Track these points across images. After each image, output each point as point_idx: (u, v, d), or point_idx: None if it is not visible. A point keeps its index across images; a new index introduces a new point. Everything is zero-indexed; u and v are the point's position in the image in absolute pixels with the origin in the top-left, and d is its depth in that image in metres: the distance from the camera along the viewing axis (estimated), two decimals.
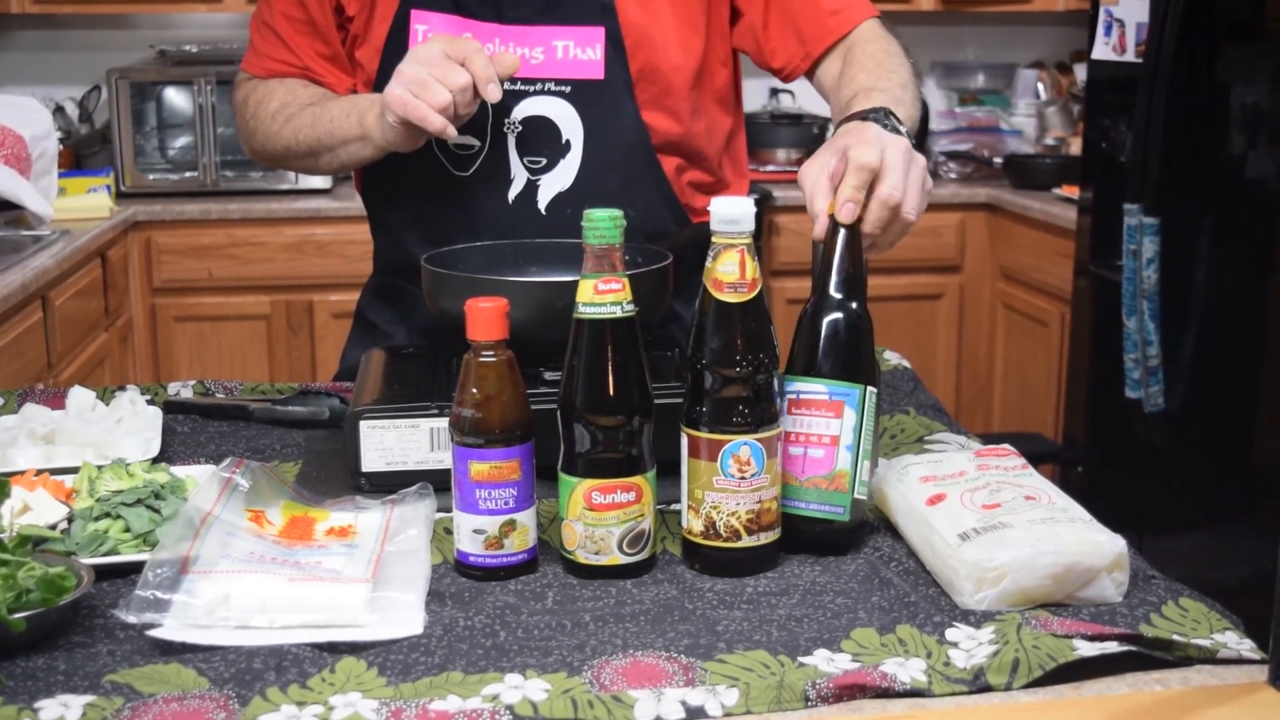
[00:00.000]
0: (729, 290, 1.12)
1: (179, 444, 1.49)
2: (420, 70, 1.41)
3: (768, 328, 1.13)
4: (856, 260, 1.17)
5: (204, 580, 1.04)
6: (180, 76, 3.86)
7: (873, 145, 1.22)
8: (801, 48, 1.61)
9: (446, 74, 1.40)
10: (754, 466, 1.11)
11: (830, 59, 1.60)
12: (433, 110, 1.40)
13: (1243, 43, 2.59)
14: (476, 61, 1.42)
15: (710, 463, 1.12)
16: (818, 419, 1.15)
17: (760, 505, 1.12)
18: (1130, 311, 2.71)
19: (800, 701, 0.93)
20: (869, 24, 1.60)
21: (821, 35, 1.60)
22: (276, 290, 3.76)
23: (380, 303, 1.76)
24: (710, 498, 1.12)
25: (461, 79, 1.40)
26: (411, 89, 1.41)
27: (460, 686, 0.94)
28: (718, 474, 1.12)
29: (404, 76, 1.42)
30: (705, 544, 1.13)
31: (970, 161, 4.27)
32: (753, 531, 1.12)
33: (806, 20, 1.60)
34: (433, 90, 1.40)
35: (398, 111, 1.42)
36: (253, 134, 1.69)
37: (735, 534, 1.12)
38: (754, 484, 1.12)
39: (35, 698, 0.93)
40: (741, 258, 1.12)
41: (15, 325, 2.69)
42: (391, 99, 1.42)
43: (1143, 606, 1.05)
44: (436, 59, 1.42)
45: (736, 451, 1.11)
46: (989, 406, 4.13)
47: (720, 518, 1.12)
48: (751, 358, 1.12)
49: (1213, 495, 2.70)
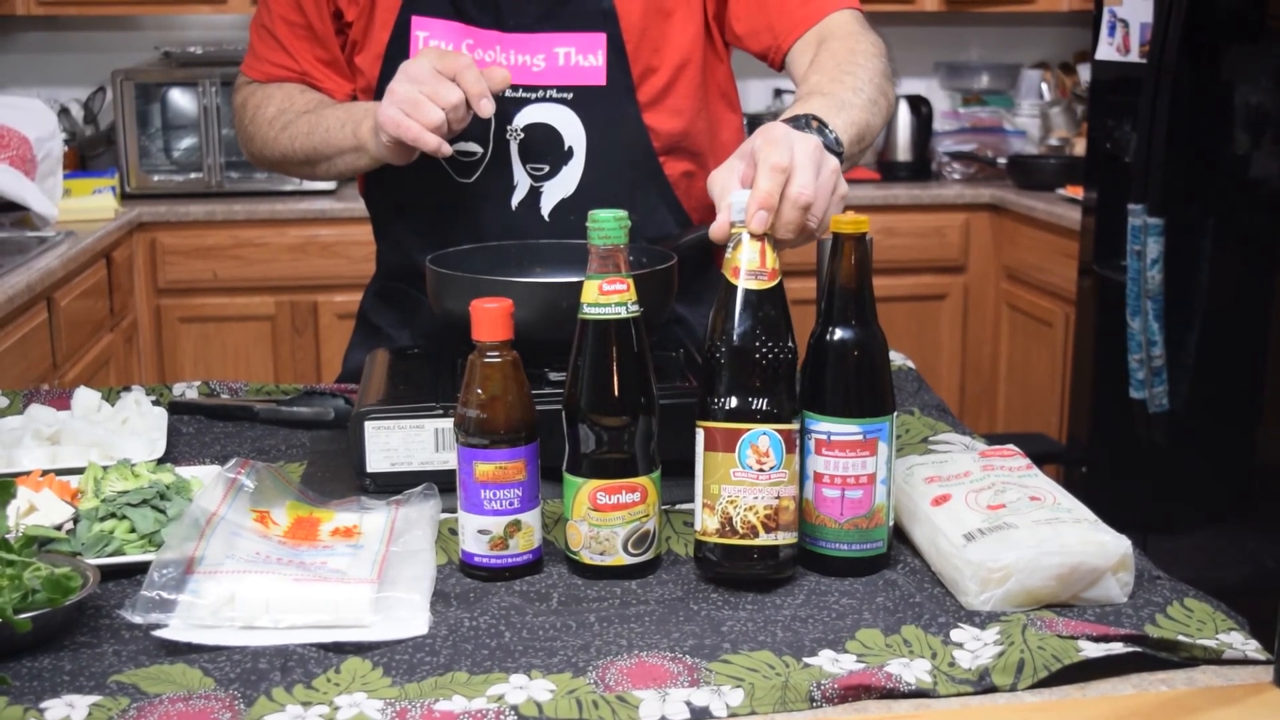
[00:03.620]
0: (749, 277, 1.10)
1: (184, 445, 1.49)
2: (412, 89, 1.40)
3: (787, 318, 1.11)
4: (864, 278, 1.14)
5: (209, 581, 1.04)
6: (185, 78, 3.86)
7: (780, 145, 1.17)
8: (774, 39, 1.58)
9: (439, 91, 1.39)
10: (773, 459, 1.09)
11: (800, 51, 1.55)
12: (426, 130, 1.39)
13: (1246, 42, 2.58)
14: (468, 77, 1.40)
15: (727, 454, 1.09)
16: (853, 460, 1.12)
17: (778, 502, 1.09)
18: (1134, 312, 2.71)
19: (805, 702, 0.93)
20: (842, 16, 1.56)
21: (790, 26, 1.57)
22: (281, 291, 3.76)
23: (383, 305, 1.76)
24: (727, 491, 1.09)
25: (454, 96, 1.39)
26: (404, 108, 1.40)
27: (465, 687, 0.95)
28: (735, 465, 1.09)
29: (396, 95, 1.41)
30: (720, 542, 1.10)
31: (974, 162, 4.27)
32: (770, 529, 1.09)
33: (776, 11, 1.57)
34: (425, 109, 1.39)
35: (391, 132, 1.41)
36: (250, 139, 1.69)
37: (752, 530, 1.09)
38: (772, 478, 1.09)
39: (41, 698, 0.93)
40: (762, 247, 1.11)
41: (20, 326, 2.70)
42: (384, 119, 1.42)
43: (1148, 607, 1.05)
44: (428, 76, 1.40)
45: (755, 441, 1.09)
46: (993, 407, 4.13)
47: (737, 513, 1.09)
48: (771, 345, 1.09)
49: (1217, 496, 2.70)
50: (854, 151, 1.41)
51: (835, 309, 1.14)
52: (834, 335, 1.13)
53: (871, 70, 1.48)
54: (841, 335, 1.13)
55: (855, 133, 1.39)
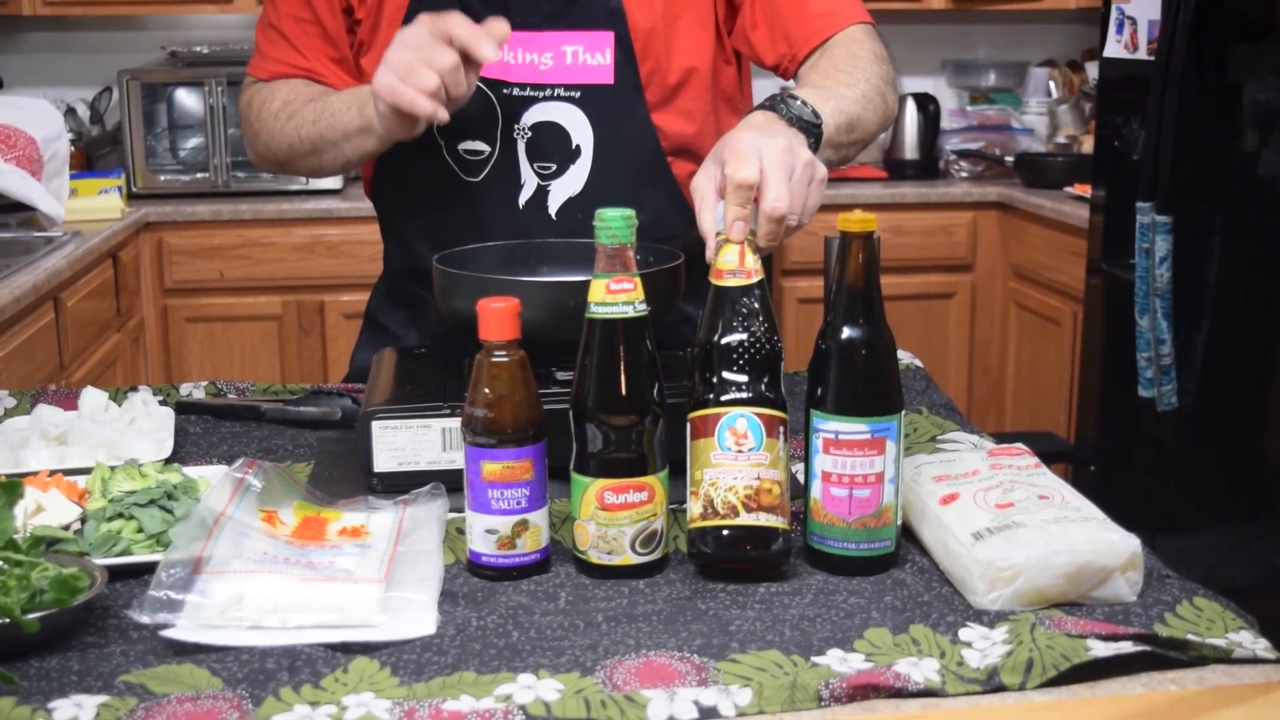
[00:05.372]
0: (728, 276, 1.13)
1: (191, 445, 1.49)
2: (406, 55, 1.38)
3: (768, 312, 1.12)
4: (872, 277, 1.13)
5: (217, 580, 1.04)
6: (191, 78, 3.87)
7: (748, 157, 1.18)
8: (789, 49, 1.59)
9: (433, 56, 1.37)
10: (751, 440, 1.10)
11: (810, 63, 1.57)
12: (421, 95, 1.37)
13: (1255, 40, 2.58)
14: (460, 32, 1.37)
15: (708, 439, 1.11)
16: (861, 459, 1.12)
17: (759, 483, 1.10)
18: (1143, 310, 2.70)
19: (813, 701, 0.92)
20: (855, 29, 1.57)
21: (806, 37, 1.58)
22: (287, 291, 3.76)
23: (390, 305, 1.76)
24: (708, 475, 1.11)
25: (448, 60, 1.37)
26: (399, 74, 1.38)
27: (473, 686, 0.94)
28: (715, 449, 1.10)
29: (391, 62, 1.39)
30: (704, 525, 1.11)
31: (981, 160, 4.27)
32: (751, 509, 1.09)
33: (793, 22, 1.58)
34: (419, 74, 1.37)
35: (386, 99, 1.39)
36: (256, 135, 1.67)
37: (733, 510, 1.10)
38: (751, 459, 1.10)
39: (49, 698, 0.93)
40: (741, 249, 1.14)
41: (27, 326, 2.70)
42: (380, 86, 1.40)
43: (1157, 606, 1.05)
44: (422, 41, 1.38)
45: (733, 424, 1.10)
46: (1001, 406, 4.12)
47: (717, 494, 1.10)
48: (749, 335, 1.11)
49: (1225, 494, 2.69)
50: (842, 139, 1.41)
51: (843, 308, 1.14)
52: (841, 334, 1.13)
53: (869, 72, 1.49)
54: (849, 334, 1.13)
55: (843, 120, 1.39)
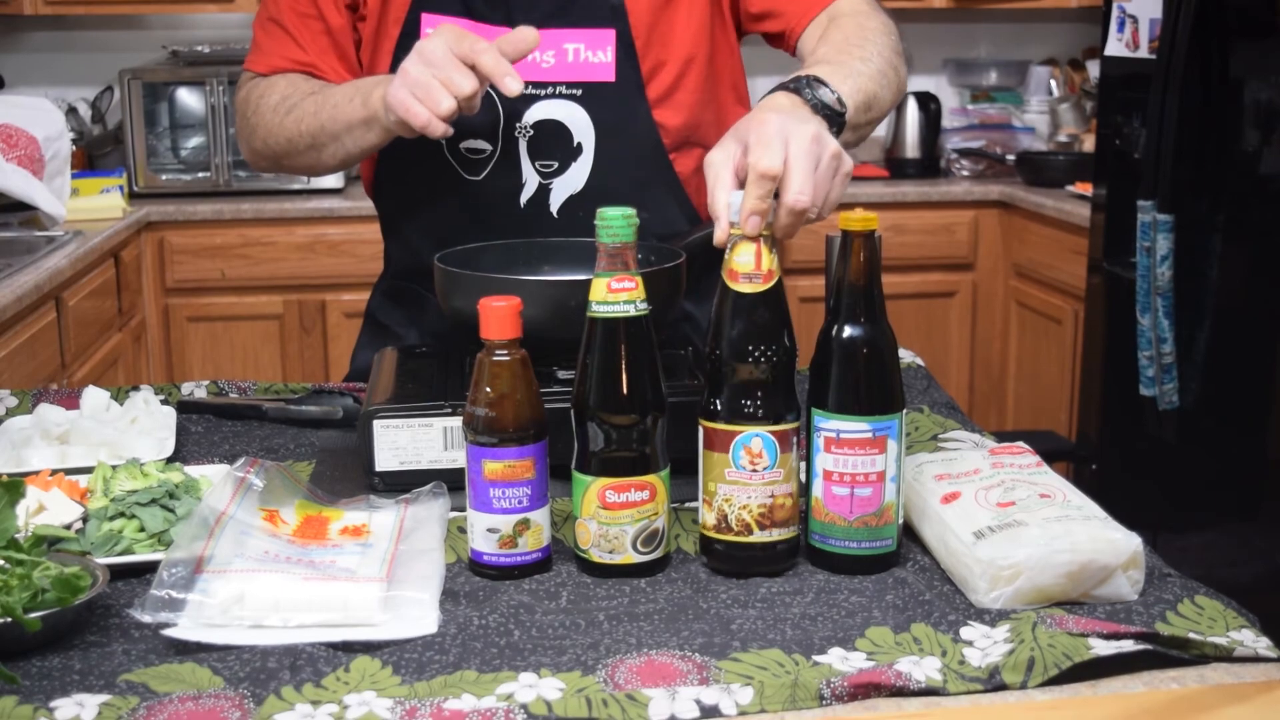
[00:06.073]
0: (744, 280, 1.12)
1: (193, 444, 1.49)
2: (425, 73, 1.35)
3: (784, 319, 1.12)
4: (873, 275, 1.13)
5: (218, 580, 1.04)
6: (192, 77, 3.87)
7: (773, 144, 1.16)
8: (786, 22, 1.59)
9: (453, 78, 1.34)
10: (766, 459, 1.11)
11: (811, 32, 1.57)
12: (435, 118, 1.34)
13: (1256, 39, 2.58)
14: (485, 61, 1.34)
15: (722, 454, 1.11)
16: (862, 457, 1.12)
17: (773, 500, 1.11)
18: (1144, 308, 2.70)
19: (815, 700, 0.92)
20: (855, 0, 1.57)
21: (804, 9, 1.58)
22: (289, 290, 3.77)
23: (391, 304, 1.76)
24: (722, 490, 1.12)
25: (467, 87, 1.34)
26: (416, 92, 1.35)
27: (474, 685, 0.94)
28: (729, 466, 1.11)
29: (409, 77, 1.36)
30: (718, 538, 1.13)
31: (983, 159, 4.26)
32: (764, 526, 1.12)
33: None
34: (437, 96, 1.34)
35: (399, 114, 1.37)
36: (253, 131, 1.64)
37: (746, 528, 1.12)
38: (766, 477, 1.11)
39: (51, 697, 0.93)
40: (758, 249, 1.12)
41: (29, 326, 2.70)
42: (394, 101, 1.37)
43: (1158, 604, 1.05)
44: (443, 60, 1.35)
45: (748, 443, 1.10)
46: (1002, 404, 4.12)
47: (731, 511, 1.12)
48: (765, 348, 1.11)
49: (1227, 493, 2.69)
50: (860, 120, 1.40)
51: (844, 306, 1.14)
52: (843, 333, 1.13)
53: (881, 45, 1.48)
54: (850, 333, 1.13)
55: (861, 99, 1.38)
